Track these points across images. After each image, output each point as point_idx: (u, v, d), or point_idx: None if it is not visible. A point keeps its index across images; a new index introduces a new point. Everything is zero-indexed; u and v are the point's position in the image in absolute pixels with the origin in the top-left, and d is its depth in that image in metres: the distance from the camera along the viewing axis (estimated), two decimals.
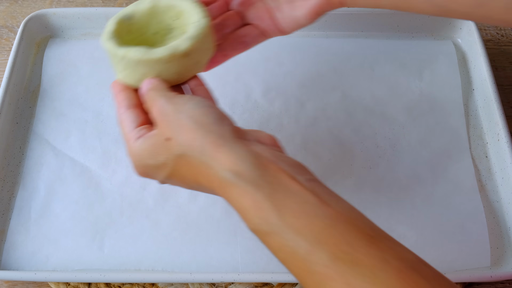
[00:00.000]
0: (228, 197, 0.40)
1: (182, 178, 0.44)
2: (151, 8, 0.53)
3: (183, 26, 0.53)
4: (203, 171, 0.41)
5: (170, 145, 0.43)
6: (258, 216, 0.38)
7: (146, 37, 0.54)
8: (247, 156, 0.40)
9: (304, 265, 0.36)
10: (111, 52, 0.50)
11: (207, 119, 0.43)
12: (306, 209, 0.37)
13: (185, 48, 0.48)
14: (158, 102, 0.45)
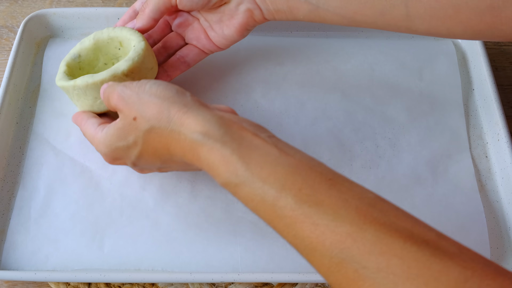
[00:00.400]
0: (198, 158, 0.43)
1: (154, 152, 0.47)
2: (94, 44, 0.59)
3: (127, 53, 0.59)
4: (173, 139, 0.44)
5: (137, 123, 0.46)
6: (227, 170, 0.41)
7: (98, 69, 0.61)
8: (211, 118, 0.44)
9: (273, 211, 0.39)
10: (64, 88, 0.56)
11: (169, 93, 0.46)
12: (269, 160, 0.41)
13: (124, 69, 0.54)
14: (115, 92, 0.48)
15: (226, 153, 0.41)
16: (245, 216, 0.55)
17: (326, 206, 0.38)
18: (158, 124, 0.45)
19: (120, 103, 0.48)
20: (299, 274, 0.51)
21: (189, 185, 0.57)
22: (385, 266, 0.34)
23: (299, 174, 0.40)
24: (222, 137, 0.42)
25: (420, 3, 0.49)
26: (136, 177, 0.58)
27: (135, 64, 0.55)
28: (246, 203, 0.41)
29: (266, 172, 0.40)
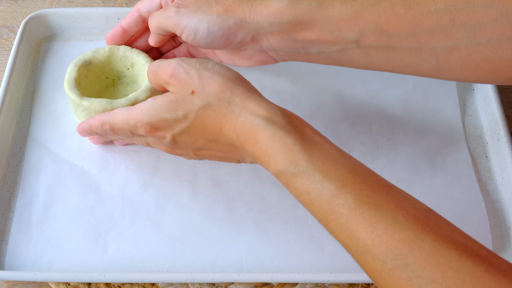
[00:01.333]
0: (255, 142, 0.43)
1: (204, 128, 0.46)
2: (108, 57, 0.61)
3: (133, 76, 0.62)
4: (230, 119, 0.45)
5: (193, 98, 0.46)
6: (287, 158, 0.41)
7: (100, 81, 0.62)
8: (274, 107, 0.44)
9: (330, 207, 0.39)
10: (75, 102, 0.57)
11: (232, 74, 0.47)
12: (330, 157, 0.41)
13: (143, 99, 0.56)
14: (170, 65, 0.48)
15: (289, 142, 0.41)
16: (248, 214, 0.55)
17: (385, 210, 0.38)
18: (218, 102, 0.45)
19: (175, 77, 0.47)
20: (299, 274, 0.51)
21: (189, 185, 0.57)
22: (440, 278, 0.34)
23: (359, 175, 0.40)
24: (285, 125, 0.43)
25: (451, 57, 0.47)
26: (136, 178, 0.58)
27: (152, 95, 0.57)
28: (299, 195, 0.41)
29: (327, 167, 0.40)
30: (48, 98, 0.64)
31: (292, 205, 0.56)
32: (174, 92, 0.47)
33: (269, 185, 0.57)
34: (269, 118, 0.43)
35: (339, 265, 0.53)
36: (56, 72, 0.66)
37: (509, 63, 0.46)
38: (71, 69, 0.59)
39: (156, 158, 0.59)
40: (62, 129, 0.62)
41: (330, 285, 0.54)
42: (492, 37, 0.44)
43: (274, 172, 0.43)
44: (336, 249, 0.53)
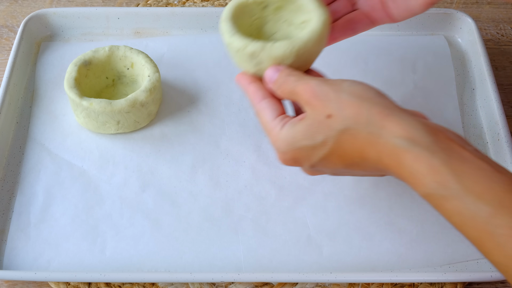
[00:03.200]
0: (399, 164, 0.41)
1: (343, 154, 0.44)
2: (108, 56, 0.61)
3: (133, 76, 0.62)
4: (370, 142, 0.42)
5: (331, 121, 0.43)
6: (435, 180, 0.39)
7: (100, 80, 0.63)
8: (417, 124, 0.41)
9: (486, 228, 0.38)
10: (75, 101, 0.57)
11: (369, 93, 0.44)
12: (483, 175, 0.39)
13: (143, 99, 0.58)
14: (309, 85, 0.45)
15: (435, 163, 0.39)
16: (246, 215, 0.55)
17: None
18: (355, 125, 0.43)
19: (312, 99, 0.45)
20: (299, 274, 0.51)
21: (188, 185, 0.57)
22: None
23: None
24: (430, 145, 0.40)
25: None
26: (135, 178, 0.58)
27: (152, 95, 0.58)
28: (450, 217, 0.40)
29: (480, 187, 0.38)
30: (48, 98, 0.64)
31: (291, 206, 0.56)
32: (311, 114, 0.45)
33: (268, 186, 0.57)
34: (411, 138, 0.40)
35: (337, 266, 0.53)
36: (56, 72, 0.66)
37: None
38: (71, 68, 0.60)
39: (155, 158, 0.59)
40: (62, 129, 0.62)
41: (330, 285, 0.54)
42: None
43: (422, 194, 0.41)
44: (334, 250, 0.53)
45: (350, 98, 0.43)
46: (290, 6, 0.54)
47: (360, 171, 0.46)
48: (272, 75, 0.48)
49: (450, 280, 0.51)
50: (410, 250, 0.53)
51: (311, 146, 0.45)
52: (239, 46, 0.50)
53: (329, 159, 0.45)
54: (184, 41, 0.69)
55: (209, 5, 0.77)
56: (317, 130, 0.44)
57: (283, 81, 0.47)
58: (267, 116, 0.48)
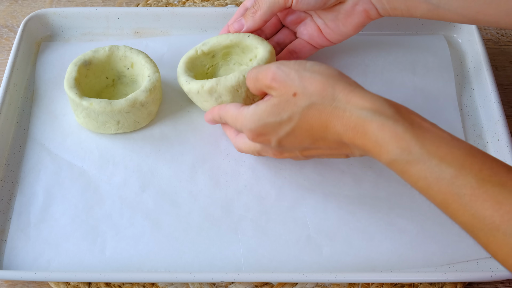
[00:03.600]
0: (364, 134, 0.44)
1: (309, 128, 0.47)
2: (108, 56, 0.61)
3: (133, 76, 0.62)
4: (336, 116, 0.45)
5: (296, 99, 0.47)
6: (400, 146, 0.42)
7: (100, 80, 0.63)
8: (379, 98, 0.44)
9: (450, 189, 0.40)
10: (75, 101, 0.58)
11: (332, 72, 0.47)
12: (443, 141, 0.42)
13: (142, 99, 0.58)
14: (270, 70, 0.49)
15: (399, 130, 0.42)
16: (246, 215, 0.55)
17: (510, 187, 0.38)
18: (321, 100, 0.46)
19: (276, 81, 0.48)
20: (299, 274, 0.51)
21: (188, 185, 0.57)
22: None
23: (475, 156, 0.40)
24: (393, 115, 0.43)
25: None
26: (135, 178, 0.58)
27: (151, 95, 0.59)
28: (415, 182, 0.42)
29: (442, 151, 0.41)
30: (48, 98, 0.64)
31: (291, 206, 0.56)
32: (276, 96, 0.48)
33: (268, 186, 0.57)
34: (375, 109, 0.43)
35: (337, 266, 0.53)
36: (56, 72, 0.66)
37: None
38: (71, 68, 0.60)
39: (155, 158, 0.59)
40: (62, 129, 0.62)
41: (330, 285, 0.54)
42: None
43: (387, 161, 0.43)
44: (334, 250, 0.53)
45: (314, 76, 0.46)
46: (235, 49, 0.61)
47: (326, 148, 0.49)
48: (249, 75, 0.52)
49: (450, 280, 0.51)
50: (410, 250, 0.53)
51: (277, 122, 0.48)
52: (198, 88, 0.57)
53: (295, 134, 0.48)
54: (184, 41, 0.69)
55: (209, 5, 0.77)
56: (283, 108, 0.47)
57: (250, 75, 0.51)
58: (231, 109, 0.52)
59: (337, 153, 0.49)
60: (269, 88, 0.49)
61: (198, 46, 0.61)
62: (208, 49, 0.61)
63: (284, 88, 0.47)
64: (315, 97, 0.46)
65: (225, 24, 0.68)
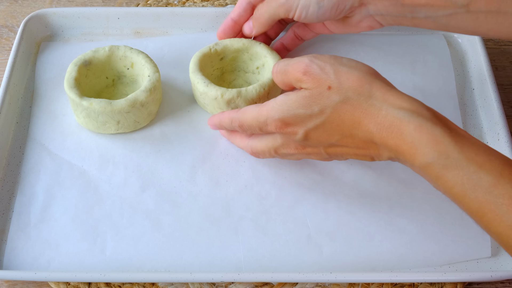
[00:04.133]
0: (399, 134, 0.43)
1: (340, 123, 0.46)
2: (108, 56, 0.61)
3: (133, 76, 0.63)
4: (370, 113, 0.44)
5: (330, 93, 0.45)
6: (437, 149, 0.41)
7: (100, 80, 0.63)
8: (416, 100, 0.44)
9: (487, 198, 0.39)
10: (75, 101, 0.58)
11: (369, 69, 0.46)
12: (481, 148, 0.41)
13: (143, 99, 0.58)
14: (302, 62, 0.48)
15: (437, 133, 0.41)
16: (246, 215, 0.55)
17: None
18: (357, 96, 0.45)
19: (309, 74, 0.47)
20: (299, 274, 0.51)
21: (188, 185, 0.57)
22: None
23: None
24: (431, 117, 0.42)
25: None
26: (135, 178, 0.58)
27: (151, 95, 0.59)
28: (450, 187, 0.41)
29: (481, 158, 0.40)
30: (48, 98, 0.64)
31: (291, 206, 0.56)
32: (308, 88, 0.47)
33: (268, 186, 0.57)
34: (413, 110, 0.43)
35: (337, 266, 0.53)
36: (56, 72, 0.66)
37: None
38: (71, 68, 0.60)
39: (155, 158, 0.59)
40: (62, 129, 0.62)
41: (330, 285, 0.54)
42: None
43: (421, 165, 0.42)
44: (334, 250, 0.53)
45: (351, 71, 0.45)
46: (244, 55, 0.63)
47: (352, 147, 0.48)
48: (277, 67, 0.51)
49: (450, 280, 0.51)
50: (410, 250, 0.54)
51: (307, 115, 0.47)
52: (216, 95, 0.58)
53: (325, 127, 0.47)
54: (184, 41, 0.69)
55: (209, 5, 0.77)
56: (315, 100, 0.46)
57: (278, 67, 0.50)
58: (252, 107, 0.51)
59: (362, 154, 0.48)
60: (300, 81, 0.48)
61: (212, 45, 0.62)
62: (221, 49, 0.62)
63: (318, 82, 0.46)
64: (351, 93, 0.45)
65: None
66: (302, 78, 0.47)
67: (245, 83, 0.64)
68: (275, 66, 0.51)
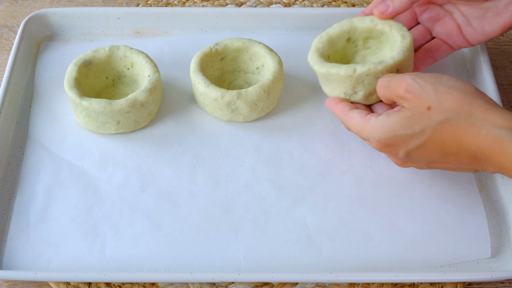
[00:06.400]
0: (502, 153, 0.43)
1: (441, 144, 0.47)
2: (108, 57, 0.61)
3: (133, 76, 0.63)
4: (471, 133, 0.45)
5: (430, 113, 0.46)
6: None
7: (100, 80, 0.63)
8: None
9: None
10: (75, 101, 0.58)
11: (469, 88, 0.46)
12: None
13: (143, 99, 0.58)
14: (404, 81, 0.48)
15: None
16: (246, 215, 0.55)
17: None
18: (457, 116, 0.45)
19: (410, 92, 0.47)
20: (299, 274, 0.51)
21: (188, 185, 0.57)
22: None
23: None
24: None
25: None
26: (135, 178, 0.58)
27: (151, 95, 0.59)
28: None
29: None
30: (48, 98, 0.64)
31: (291, 206, 0.56)
32: (409, 108, 0.47)
33: (268, 186, 0.57)
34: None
35: (337, 266, 0.53)
36: (56, 72, 0.66)
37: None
38: (72, 68, 0.60)
39: (155, 158, 0.59)
40: (62, 129, 0.62)
41: (330, 285, 0.54)
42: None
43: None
44: (334, 250, 0.53)
45: (450, 91, 0.46)
46: (244, 55, 0.63)
47: (455, 163, 0.48)
48: (381, 82, 0.51)
49: (450, 280, 0.51)
50: (410, 250, 0.54)
51: (408, 135, 0.48)
52: (216, 96, 0.58)
53: (426, 148, 0.48)
54: (184, 41, 0.69)
55: (209, 5, 0.77)
56: (416, 121, 0.47)
57: (382, 82, 0.50)
58: (357, 118, 0.52)
59: (466, 168, 0.49)
60: (401, 98, 0.48)
61: (212, 45, 0.62)
62: (222, 49, 0.62)
63: (418, 101, 0.47)
64: (450, 113, 0.45)
65: (232, 23, 0.69)
66: (403, 95, 0.48)
67: (245, 84, 0.64)
68: (380, 80, 0.51)
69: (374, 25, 0.57)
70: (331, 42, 0.59)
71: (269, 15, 0.70)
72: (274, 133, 0.61)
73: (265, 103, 0.60)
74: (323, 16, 0.70)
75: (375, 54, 0.60)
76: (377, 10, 0.57)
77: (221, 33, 0.70)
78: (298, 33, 0.71)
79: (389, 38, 0.57)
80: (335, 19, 0.69)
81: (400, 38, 0.55)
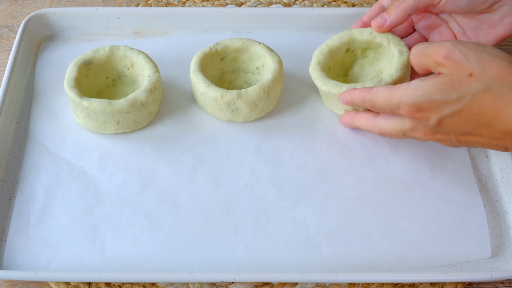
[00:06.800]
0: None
1: (478, 112, 0.45)
2: (108, 56, 0.61)
3: (133, 76, 0.63)
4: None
5: (471, 80, 0.45)
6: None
7: (100, 80, 0.63)
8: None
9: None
10: (75, 101, 0.58)
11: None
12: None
13: (143, 99, 0.58)
14: (445, 46, 0.46)
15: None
16: (246, 215, 0.55)
17: None
18: (500, 86, 0.44)
19: (450, 59, 0.46)
20: (299, 274, 0.51)
21: (188, 185, 0.57)
22: None
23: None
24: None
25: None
26: (135, 178, 0.58)
27: (151, 95, 0.59)
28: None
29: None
30: (48, 98, 0.64)
31: (291, 206, 0.56)
32: (448, 74, 0.46)
33: (268, 186, 0.57)
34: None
35: (337, 266, 0.53)
36: (56, 72, 0.66)
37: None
38: (72, 68, 0.60)
39: (155, 158, 0.59)
40: (62, 129, 0.62)
41: (330, 285, 0.54)
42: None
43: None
44: (334, 250, 0.53)
45: (495, 59, 0.44)
46: (244, 55, 0.63)
47: (487, 137, 0.47)
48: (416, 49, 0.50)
49: (450, 280, 0.51)
50: (410, 250, 0.54)
51: (444, 101, 0.46)
52: (216, 96, 0.58)
53: (461, 115, 0.46)
54: (184, 41, 0.69)
55: (209, 5, 0.77)
56: (455, 87, 0.45)
57: (415, 49, 0.49)
58: (384, 88, 0.50)
59: (496, 144, 0.48)
60: (439, 65, 0.47)
61: (212, 45, 0.62)
62: (222, 49, 0.62)
63: (459, 67, 0.45)
64: (493, 82, 0.44)
65: (233, 23, 0.69)
66: (443, 62, 0.46)
67: (245, 84, 0.64)
68: (414, 48, 0.50)
69: (372, 37, 0.59)
70: (331, 53, 0.61)
71: (269, 15, 0.70)
72: (274, 133, 0.61)
73: (265, 103, 0.60)
74: (323, 16, 0.70)
75: (372, 64, 0.62)
76: (374, 23, 0.58)
77: (221, 33, 0.70)
78: (298, 33, 0.71)
79: (387, 51, 0.59)
80: (335, 19, 0.70)
81: (398, 54, 0.57)
